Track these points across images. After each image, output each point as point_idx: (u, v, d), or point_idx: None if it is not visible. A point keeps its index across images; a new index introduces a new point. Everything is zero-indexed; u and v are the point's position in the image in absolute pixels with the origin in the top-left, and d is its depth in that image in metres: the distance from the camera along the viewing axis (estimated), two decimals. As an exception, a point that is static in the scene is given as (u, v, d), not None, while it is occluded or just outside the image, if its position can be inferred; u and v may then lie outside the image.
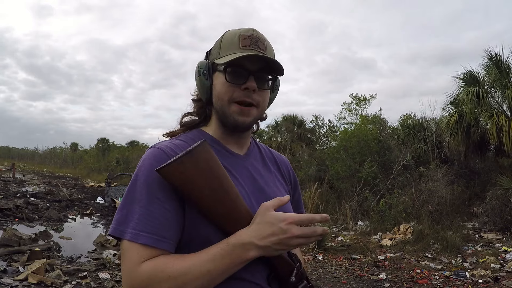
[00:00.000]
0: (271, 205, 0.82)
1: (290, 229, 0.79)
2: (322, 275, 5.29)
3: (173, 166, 0.77)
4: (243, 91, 0.90)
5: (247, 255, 0.79)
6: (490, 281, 4.85)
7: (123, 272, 0.80)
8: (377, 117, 13.47)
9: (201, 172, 0.79)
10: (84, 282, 4.48)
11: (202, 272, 0.77)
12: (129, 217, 0.81)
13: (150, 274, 0.76)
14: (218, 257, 0.78)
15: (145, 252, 0.78)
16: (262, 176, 1.00)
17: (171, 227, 0.81)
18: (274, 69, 0.94)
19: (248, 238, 0.79)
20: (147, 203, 0.81)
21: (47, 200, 11.46)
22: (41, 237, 6.59)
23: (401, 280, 5.03)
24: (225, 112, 0.92)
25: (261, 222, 0.80)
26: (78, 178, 23.65)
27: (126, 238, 0.79)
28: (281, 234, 0.78)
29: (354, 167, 10.58)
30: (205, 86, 0.95)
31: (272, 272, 0.88)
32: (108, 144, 34.55)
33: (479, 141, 9.74)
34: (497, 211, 7.82)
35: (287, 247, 0.81)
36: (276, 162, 1.10)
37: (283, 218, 0.79)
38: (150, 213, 0.80)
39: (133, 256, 0.78)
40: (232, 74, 0.90)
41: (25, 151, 62.34)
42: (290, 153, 15.48)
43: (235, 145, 1.00)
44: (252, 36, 0.92)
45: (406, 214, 8.40)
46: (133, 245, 0.79)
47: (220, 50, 0.94)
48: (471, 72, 9.78)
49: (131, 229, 0.79)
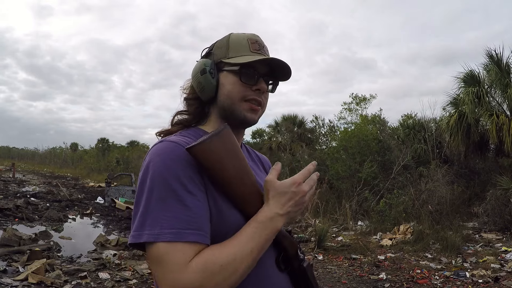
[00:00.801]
0: (273, 177, 0.88)
1: (301, 188, 0.86)
2: (322, 275, 5.29)
3: (205, 144, 0.80)
4: (254, 91, 0.95)
5: (277, 226, 0.84)
6: (490, 281, 4.85)
7: (164, 279, 0.74)
8: (377, 117, 13.48)
9: (228, 153, 0.84)
10: (84, 282, 4.48)
11: (246, 253, 0.79)
12: (161, 217, 0.76)
13: (202, 270, 0.73)
14: (256, 236, 0.81)
15: (191, 250, 0.75)
16: (255, 171, 1.03)
17: (207, 220, 0.80)
18: (278, 74, 0.99)
19: (273, 211, 0.84)
20: (182, 198, 0.77)
21: (47, 200, 11.46)
22: (41, 237, 6.60)
23: (401, 280, 5.03)
24: (235, 109, 0.95)
25: (275, 194, 0.85)
26: (78, 178, 23.65)
27: (166, 239, 0.74)
28: (296, 196, 0.86)
29: (354, 167, 10.58)
30: (211, 85, 0.95)
31: (281, 253, 0.94)
32: (108, 144, 34.56)
33: (479, 141, 9.74)
34: (497, 211, 7.82)
35: (303, 204, 0.88)
36: (260, 161, 1.17)
37: (292, 182, 0.86)
38: (188, 208, 0.77)
39: (177, 258, 0.74)
40: (245, 75, 0.94)
41: (25, 151, 62.34)
42: (290, 153, 15.48)
43: None
44: (259, 41, 0.98)
45: (406, 214, 8.40)
46: (176, 246, 0.74)
47: (228, 51, 0.96)
48: (472, 71, 9.78)
49: (170, 229, 0.75)
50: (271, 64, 0.96)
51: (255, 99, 0.95)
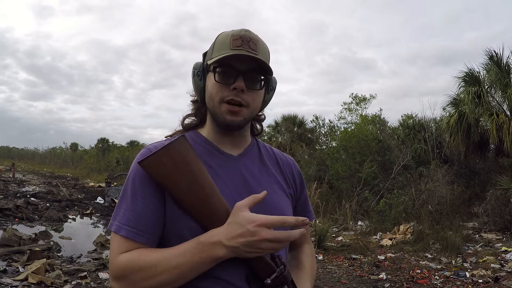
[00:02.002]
0: (244, 204, 0.82)
1: (259, 232, 0.77)
2: (322, 275, 5.29)
3: (151, 159, 0.83)
4: (232, 91, 0.90)
5: (216, 254, 0.79)
6: (490, 281, 4.85)
7: (109, 258, 0.88)
8: (377, 117, 13.48)
9: (177, 166, 0.83)
10: (84, 282, 4.47)
11: (171, 265, 0.80)
12: (118, 212, 0.88)
13: (125, 265, 0.82)
14: (187, 253, 0.80)
15: (125, 244, 0.85)
16: (255, 177, 0.98)
17: (150, 223, 0.86)
18: (266, 69, 0.93)
19: (218, 237, 0.79)
20: (131, 199, 0.87)
21: (47, 200, 11.46)
22: (41, 237, 6.59)
23: (401, 280, 5.03)
24: (216, 112, 0.93)
25: (232, 223, 0.80)
26: (78, 178, 23.64)
27: (112, 229, 0.87)
28: (249, 236, 0.77)
29: (354, 167, 10.58)
30: (199, 87, 0.97)
31: (251, 272, 0.86)
32: (108, 144, 34.57)
33: (479, 141, 9.74)
34: (497, 211, 7.82)
35: (258, 249, 0.79)
36: (278, 163, 1.07)
37: (252, 219, 0.78)
38: (133, 208, 0.86)
39: (114, 247, 0.86)
40: (221, 74, 0.91)
41: (25, 151, 62.29)
42: (290, 153, 15.49)
43: (229, 145, 0.99)
44: (244, 37, 0.91)
45: (406, 214, 8.40)
46: (116, 237, 0.86)
47: (212, 51, 0.95)
48: (472, 71, 9.78)
49: (117, 222, 0.87)
50: (254, 59, 0.89)
51: (233, 100, 0.90)
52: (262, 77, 0.94)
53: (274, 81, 1.01)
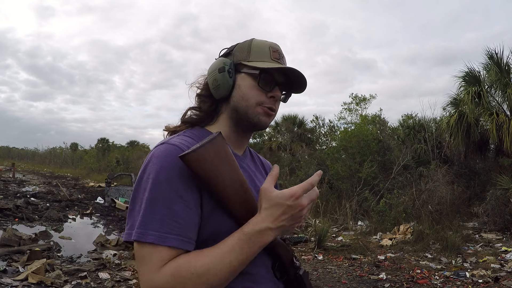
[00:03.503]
0: (269, 185, 0.83)
1: (299, 202, 0.80)
2: (322, 275, 5.29)
3: (199, 152, 0.78)
4: (268, 98, 0.95)
5: (265, 240, 0.80)
6: (490, 281, 4.85)
7: (143, 276, 0.78)
8: (377, 117, 13.49)
9: (223, 161, 0.82)
10: (84, 282, 4.48)
11: (224, 265, 0.77)
12: (149, 219, 0.78)
13: (174, 275, 0.76)
14: (237, 248, 0.78)
15: (169, 254, 0.77)
16: (257, 177, 1.03)
17: (194, 227, 0.82)
18: (293, 86, 1.00)
19: (263, 224, 0.79)
20: (171, 203, 0.79)
21: (47, 200, 11.46)
22: (41, 237, 6.60)
23: (401, 280, 5.03)
24: (249, 112, 0.95)
25: (269, 206, 0.80)
26: (78, 178, 23.65)
27: (149, 241, 0.77)
28: (292, 210, 0.80)
29: (354, 167, 10.58)
30: (228, 84, 0.95)
31: (277, 262, 0.92)
32: (108, 144, 34.56)
33: (479, 141, 9.74)
34: (497, 211, 7.83)
35: (299, 218, 0.83)
36: (262, 164, 1.16)
37: (290, 194, 0.80)
38: (175, 213, 0.78)
39: (154, 260, 0.77)
40: (264, 80, 0.94)
41: (25, 151, 62.22)
42: (290, 153, 15.49)
43: (238, 145, 1.02)
44: (279, 51, 0.99)
45: (406, 214, 8.40)
46: (157, 248, 0.77)
47: (249, 55, 0.97)
48: (472, 71, 9.78)
49: (154, 231, 0.77)
50: (288, 74, 0.96)
51: (271, 107, 0.96)
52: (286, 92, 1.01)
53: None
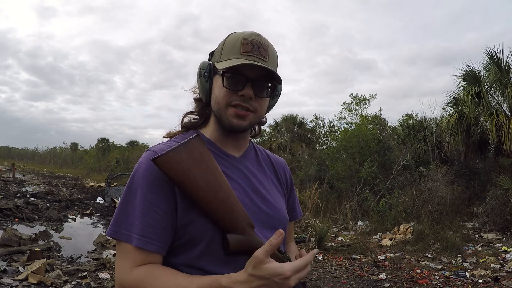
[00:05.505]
0: (264, 253, 0.74)
1: (285, 282, 0.75)
2: (322, 275, 5.29)
3: (169, 155, 0.79)
4: (239, 97, 0.90)
5: None
6: (490, 281, 4.85)
7: (117, 270, 0.85)
8: (377, 117, 13.48)
9: (196, 163, 0.81)
10: (84, 282, 4.47)
11: None
12: (123, 219, 0.84)
13: (139, 281, 0.80)
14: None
15: (140, 255, 0.82)
16: (257, 178, 1.00)
17: (161, 230, 0.83)
18: (274, 77, 0.92)
19: (241, 286, 0.75)
20: (139, 206, 0.83)
21: (47, 200, 11.46)
22: (41, 237, 6.59)
23: (401, 280, 5.03)
24: (222, 115, 0.92)
25: (255, 274, 0.74)
26: (78, 178, 23.64)
27: (121, 239, 0.84)
28: (275, 286, 0.74)
29: (354, 167, 10.58)
30: (205, 88, 0.95)
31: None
32: (108, 144, 34.55)
33: (479, 141, 9.74)
34: (497, 211, 7.82)
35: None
36: (272, 164, 1.10)
37: (278, 273, 0.73)
38: (142, 216, 0.83)
39: (127, 258, 0.83)
40: (230, 80, 0.90)
41: (25, 151, 62.21)
42: (290, 153, 15.48)
43: (232, 147, 1.00)
44: (254, 42, 0.91)
45: (406, 214, 8.40)
46: (127, 247, 0.83)
47: (221, 53, 0.94)
48: (472, 70, 9.78)
49: (125, 230, 0.83)
50: (255, 68, 0.89)
51: (240, 105, 0.90)
52: (270, 85, 0.94)
53: (279, 87, 1.00)
